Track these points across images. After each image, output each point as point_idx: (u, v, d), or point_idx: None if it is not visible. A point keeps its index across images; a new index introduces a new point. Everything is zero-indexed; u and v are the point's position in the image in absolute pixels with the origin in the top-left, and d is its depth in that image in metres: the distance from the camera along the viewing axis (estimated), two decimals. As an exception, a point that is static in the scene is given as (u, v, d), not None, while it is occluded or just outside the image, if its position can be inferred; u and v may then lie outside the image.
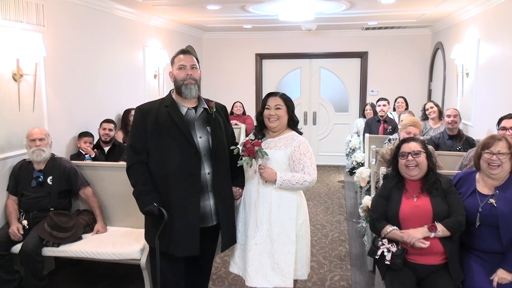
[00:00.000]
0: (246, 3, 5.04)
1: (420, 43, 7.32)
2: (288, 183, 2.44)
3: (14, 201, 3.33)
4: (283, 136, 2.56)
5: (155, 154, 2.40)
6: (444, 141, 4.31)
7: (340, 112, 7.99)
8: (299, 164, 2.47)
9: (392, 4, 5.00)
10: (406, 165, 2.58)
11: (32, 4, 3.57)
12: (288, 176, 2.44)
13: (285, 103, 2.55)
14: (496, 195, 2.46)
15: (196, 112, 2.47)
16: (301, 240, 2.55)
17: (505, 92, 4.10)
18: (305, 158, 2.47)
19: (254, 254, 2.50)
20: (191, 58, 2.48)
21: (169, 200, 2.38)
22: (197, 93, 2.48)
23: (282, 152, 2.49)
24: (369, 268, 3.68)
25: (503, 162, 2.43)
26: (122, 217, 3.47)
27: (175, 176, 2.36)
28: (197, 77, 2.48)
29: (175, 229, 2.37)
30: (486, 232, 2.45)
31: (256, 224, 2.50)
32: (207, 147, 2.44)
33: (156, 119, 2.40)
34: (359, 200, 5.18)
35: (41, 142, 3.31)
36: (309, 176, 2.46)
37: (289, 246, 2.48)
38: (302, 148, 2.48)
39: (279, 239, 2.48)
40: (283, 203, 2.49)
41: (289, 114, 2.57)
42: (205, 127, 2.47)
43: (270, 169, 2.45)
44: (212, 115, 2.50)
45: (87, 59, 4.38)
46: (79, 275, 3.72)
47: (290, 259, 2.48)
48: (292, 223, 2.49)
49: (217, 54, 7.91)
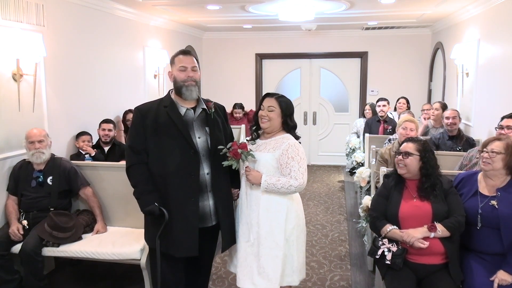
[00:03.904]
0: (246, 3, 5.04)
1: (420, 43, 7.32)
2: (273, 187, 2.37)
3: (14, 201, 3.33)
4: (274, 139, 2.48)
5: (154, 154, 2.40)
6: (444, 141, 4.31)
7: (340, 112, 7.99)
8: (286, 168, 2.39)
9: (392, 4, 4.99)
10: (397, 162, 2.66)
11: (32, 4, 3.57)
12: (273, 179, 2.37)
13: (279, 105, 2.45)
14: (497, 197, 2.47)
15: (195, 113, 2.47)
16: (291, 245, 2.45)
17: (505, 92, 4.10)
18: (293, 162, 2.38)
19: (242, 256, 2.49)
20: (192, 60, 2.47)
21: (168, 200, 2.38)
22: (197, 95, 2.48)
23: (270, 155, 2.42)
24: (369, 268, 3.68)
25: (494, 161, 2.46)
26: (122, 217, 3.47)
27: (174, 177, 2.37)
28: (198, 78, 2.48)
29: (174, 229, 2.37)
30: (487, 233, 2.46)
31: (246, 226, 2.49)
32: (206, 147, 2.44)
33: (155, 120, 2.40)
34: (359, 200, 5.17)
35: (40, 144, 3.31)
36: (295, 180, 2.36)
37: (276, 251, 2.40)
38: (291, 152, 2.39)
39: (266, 242, 2.41)
40: (272, 206, 2.42)
41: (283, 117, 2.46)
42: (204, 128, 2.47)
43: (256, 172, 2.41)
44: (211, 115, 2.49)
45: (87, 59, 4.38)
46: (79, 275, 3.72)
47: (276, 263, 2.40)
48: (280, 228, 2.41)
49: (217, 54, 7.91)
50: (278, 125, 2.48)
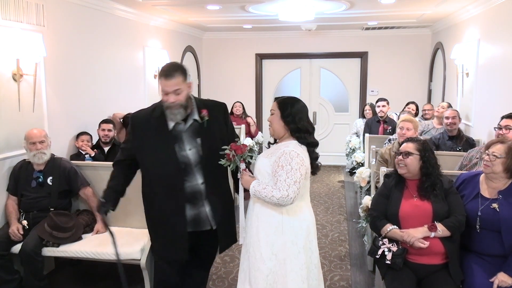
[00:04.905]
0: (246, 3, 5.04)
1: (420, 43, 7.32)
2: (259, 195, 2.20)
3: (14, 201, 3.33)
4: (278, 144, 2.35)
5: (141, 164, 2.48)
6: (444, 141, 4.31)
7: (340, 112, 7.99)
8: (274, 177, 2.20)
9: (392, 4, 4.99)
10: (397, 162, 2.66)
11: (32, 4, 3.57)
12: (260, 187, 2.21)
13: (278, 107, 2.33)
14: (499, 200, 2.46)
15: (186, 124, 2.40)
16: (281, 264, 2.24)
17: (505, 92, 4.10)
18: (281, 171, 2.17)
19: (242, 257, 2.46)
20: (174, 83, 2.28)
21: (154, 208, 2.45)
22: (183, 116, 2.36)
23: (266, 160, 2.29)
24: (369, 268, 3.68)
25: (494, 165, 2.45)
26: (122, 217, 3.46)
27: (158, 187, 2.42)
28: (183, 99, 2.31)
29: (163, 235, 2.45)
30: (487, 235, 2.46)
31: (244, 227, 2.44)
32: (197, 158, 2.39)
33: (145, 132, 2.42)
34: (359, 200, 5.17)
35: (41, 145, 3.31)
36: (278, 192, 2.14)
37: (260, 263, 2.24)
38: (282, 160, 2.18)
39: (253, 251, 2.29)
40: (262, 215, 2.28)
41: (284, 119, 2.30)
42: (195, 139, 2.40)
43: (247, 177, 2.31)
44: (203, 124, 2.39)
45: (87, 59, 4.38)
46: (79, 275, 3.72)
47: (257, 277, 2.24)
48: (267, 240, 2.25)
49: (217, 54, 7.91)
50: (281, 128, 2.32)
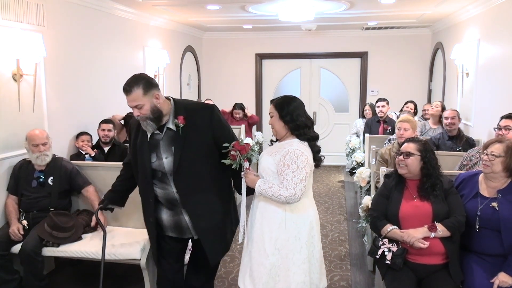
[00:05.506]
0: (246, 3, 5.04)
1: (420, 43, 7.32)
2: (266, 193, 2.27)
3: (14, 201, 3.33)
4: (281, 143, 2.39)
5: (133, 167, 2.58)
6: (444, 141, 4.31)
7: (340, 112, 7.99)
8: (280, 176, 2.26)
9: (392, 4, 5.00)
10: (398, 163, 2.66)
11: (32, 4, 3.57)
12: (266, 186, 2.27)
13: (275, 108, 2.37)
14: (498, 199, 2.46)
15: (162, 132, 2.38)
16: (283, 258, 2.31)
17: (505, 92, 4.10)
18: (288, 170, 2.23)
19: (244, 253, 2.50)
20: (132, 98, 2.29)
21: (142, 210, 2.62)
22: (154, 128, 2.35)
23: (270, 159, 2.32)
24: (369, 268, 3.69)
25: (493, 164, 2.45)
26: (122, 217, 3.46)
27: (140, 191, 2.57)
28: (147, 113, 2.28)
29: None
30: (487, 235, 2.45)
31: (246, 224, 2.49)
32: (171, 167, 2.38)
33: (136, 138, 2.48)
34: (359, 200, 5.17)
35: (44, 146, 3.31)
36: (285, 190, 2.21)
37: (263, 258, 2.32)
38: (288, 159, 2.24)
39: (256, 246, 2.36)
40: (266, 212, 2.35)
41: (282, 119, 2.35)
42: (171, 147, 2.37)
43: (252, 175, 2.34)
44: (178, 132, 2.35)
45: (87, 59, 4.38)
46: (79, 275, 3.72)
47: (261, 271, 2.32)
48: (270, 236, 2.32)
49: (217, 54, 7.91)
50: (282, 128, 2.37)
